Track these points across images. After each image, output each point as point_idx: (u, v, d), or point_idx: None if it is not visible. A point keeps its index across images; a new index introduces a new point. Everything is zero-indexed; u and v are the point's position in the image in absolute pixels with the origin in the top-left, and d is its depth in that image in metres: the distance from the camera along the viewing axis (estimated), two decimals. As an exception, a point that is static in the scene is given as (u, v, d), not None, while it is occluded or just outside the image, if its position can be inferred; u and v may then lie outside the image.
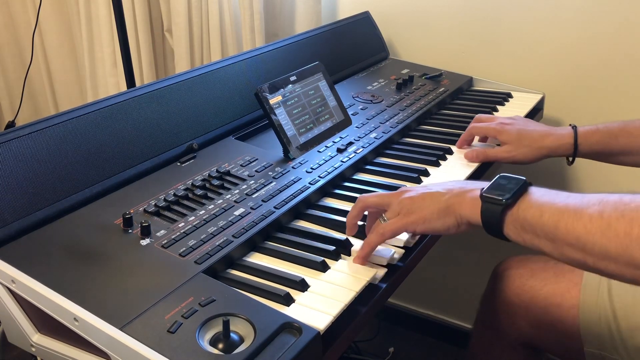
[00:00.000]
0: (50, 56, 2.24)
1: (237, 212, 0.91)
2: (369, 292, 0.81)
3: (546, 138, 1.15)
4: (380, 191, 1.03)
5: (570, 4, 1.47)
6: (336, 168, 1.07)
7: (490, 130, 1.19)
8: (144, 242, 0.83)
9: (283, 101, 1.12)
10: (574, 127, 1.16)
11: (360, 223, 0.92)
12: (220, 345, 0.66)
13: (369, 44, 1.65)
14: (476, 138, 1.25)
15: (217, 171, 1.01)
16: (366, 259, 0.85)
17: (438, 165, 1.16)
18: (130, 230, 0.85)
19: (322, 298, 0.77)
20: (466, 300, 1.66)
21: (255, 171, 1.03)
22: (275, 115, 1.09)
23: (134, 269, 0.78)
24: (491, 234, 0.79)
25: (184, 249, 0.81)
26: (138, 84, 1.81)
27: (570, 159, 1.18)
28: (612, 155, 1.15)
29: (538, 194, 0.76)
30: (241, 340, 0.68)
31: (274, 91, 1.11)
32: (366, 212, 0.91)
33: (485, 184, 0.81)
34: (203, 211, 0.91)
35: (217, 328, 0.69)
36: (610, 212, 0.67)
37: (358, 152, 1.14)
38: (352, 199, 1.02)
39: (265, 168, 1.04)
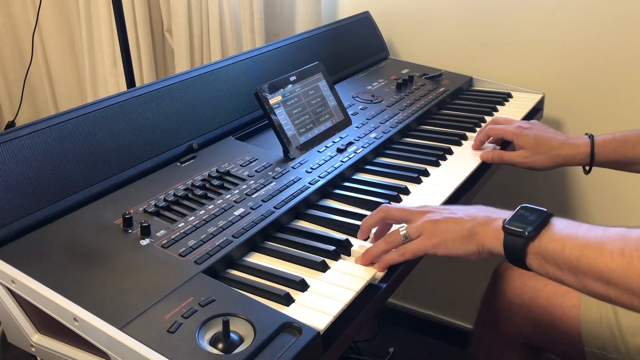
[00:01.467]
0: (50, 56, 2.24)
1: (237, 212, 0.91)
2: (369, 292, 0.81)
3: (564, 147, 1.15)
4: (381, 192, 1.04)
5: (570, 4, 1.47)
6: (336, 168, 1.07)
7: (508, 133, 1.19)
8: (144, 242, 0.83)
9: (283, 101, 1.12)
10: (591, 136, 1.16)
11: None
12: (220, 345, 0.66)
13: (369, 44, 1.64)
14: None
15: (217, 171, 1.01)
16: (370, 262, 0.85)
17: (438, 165, 1.16)
18: (130, 230, 0.85)
19: (322, 298, 0.77)
20: (466, 300, 1.66)
21: (255, 171, 1.03)
22: (275, 115, 1.09)
23: (134, 269, 0.78)
24: (513, 264, 0.79)
25: (183, 249, 0.81)
26: (138, 84, 1.81)
27: (587, 168, 1.18)
28: (629, 164, 1.15)
29: (560, 226, 0.76)
30: (241, 340, 0.68)
31: (274, 91, 1.11)
32: None
33: (507, 214, 0.81)
34: (203, 211, 0.91)
35: (217, 328, 0.69)
36: (632, 251, 0.68)
37: (358, 152, 1.14)
38: (352, 199, 1.02)
39: (265, 168, 1.04)
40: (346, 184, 1.08)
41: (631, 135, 1.13)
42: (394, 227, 0.91)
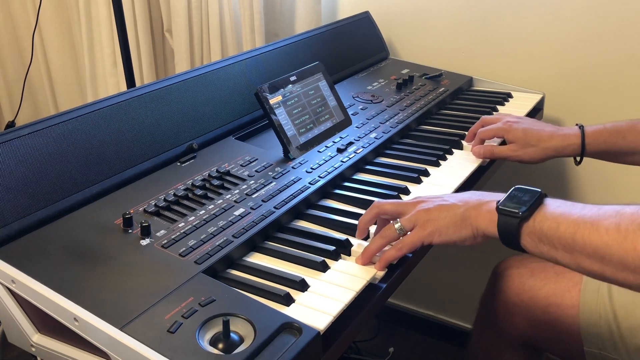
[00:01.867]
0: (50, 56, 2.24)
1: (237, 212, 0.91)
2: (369, 292, 0.81)
3: (553, 138, 1.15)
4: (381, 192, 1.04)
5: (570, 4, 1.47)
6: (336, 168, 1.07)
7: (498, 130, 1.19)
8: (144, 242, 0.83)
9: (283, 101, 1.12)
10: (581, 127, 1.16)
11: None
12: (220, 345, 0.66)
13: (369, 44, 1.64)
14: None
15: (217, 171, 1.01)
16: (369, 260, 0.85)
17: (438, 165, 1.16)
18: (130, 230, 0.85)
19: (322, 298, 0.77)
20: (466, 300, 1.66)
21: (255, 171, 1.03)
22: (275, 115, 1.09)
23: (134, 269, 0.78)
24: (508, 246, 0.80)
25: (184, 249, 0.81)
26: (138, 84, 1.81)
27: (578, 158, 1.18)
28: (620, 154, 1.15)
29: (554, 205, 0.76)
30: (241, 340, 0.68)
31: (274, 91, 1.11)
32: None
33: (500, 196, 0.81)
34: (203, 211, 0.91)
35: (217, 328, 0.69)
36: (627, 225, 0.68)
37: (358, 152, 1.14)
38: (352, 199, 1.02)
39: (265, 168, 1.04)
40: (346, 184, 1.08)
41: (621, 126, 1.13)
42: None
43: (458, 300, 1.88)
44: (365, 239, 0.91)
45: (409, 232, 0.86)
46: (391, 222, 0.87)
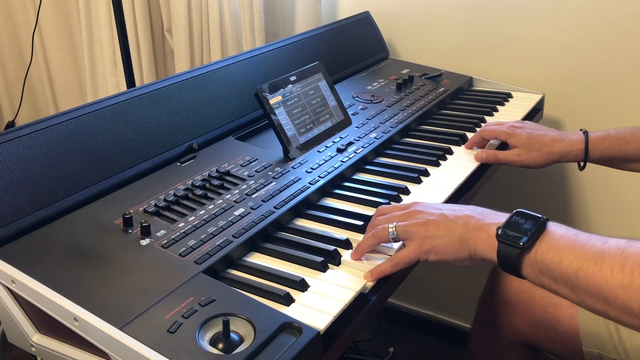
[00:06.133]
0: (50, 56, 2.24)
1: (237, 212, 0.91)
2: (370, 291, 0.81)
3: (557, 143, 1.15)
4: (381, 192, 1.04)
5: (570, 4, 1.47)
6: (336, 168, 1.07)
7: (501, 133, 1.19)
8: (144, 242, 0.83)
9: (283, 101, 1.12)
10: (585, 133, 1.16)
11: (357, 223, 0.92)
12: (220, 345, 0.66)
13: (369, 44, 1.65)
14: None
15: (217, 171, 1.01)
16: (361, 257, 0.85)
17: (438, 165, 1.16)
18: (130, 230, 0.85)
19: (322, 298, 0.77)
20: (466, 300, 1.66)
21: (255, 171, 1.03)
22: (275, 115, 1.09)
23: (134, 269, 0.78)
24: (508, 272, 0.78)
25: (184, 249, 0.81)
26: (138, 84, 1.81)
27: (582, 164, 1.18)
28: (624, 161, 1.15)
29: (557, 235, 0.74)
30: (241, 340, 0.68)
31: (274, 91, 1.11)
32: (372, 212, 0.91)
33: (501, 218, 0.79)
34: (203, 211, 0.91)
35: (217, 328, 0.69)
36: (633, 267, 0.65)
37: (358, 152, 1.14)
38: (352, 199, 1.02)
39: (265, 168, 1.04)
40: (346, 184, 1.08)
41: (625, 133, 1.14)
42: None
43: (458, 300, 1.88)
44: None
45: (401, 242, 0.85)
46: (387, 224, 0.86)
